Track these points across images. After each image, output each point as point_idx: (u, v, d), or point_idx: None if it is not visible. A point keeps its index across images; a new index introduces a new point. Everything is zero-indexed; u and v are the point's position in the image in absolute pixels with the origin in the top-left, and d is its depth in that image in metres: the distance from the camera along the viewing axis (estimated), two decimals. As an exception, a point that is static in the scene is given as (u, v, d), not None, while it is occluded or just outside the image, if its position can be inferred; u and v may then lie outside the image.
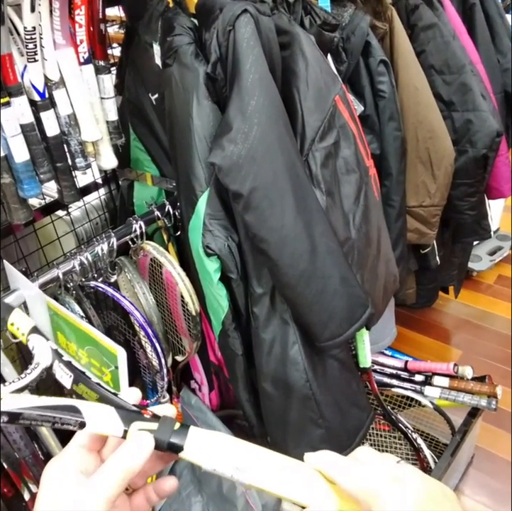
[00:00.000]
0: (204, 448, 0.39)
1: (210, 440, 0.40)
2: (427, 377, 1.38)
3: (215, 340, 1.10)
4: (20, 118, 0.78)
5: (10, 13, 0.73)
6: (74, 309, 0.95)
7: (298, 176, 0.84)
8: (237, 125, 0.79)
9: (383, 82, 1.11)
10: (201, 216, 0.88)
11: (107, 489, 0.36)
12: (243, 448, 0.40)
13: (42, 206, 1.16)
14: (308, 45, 0.91)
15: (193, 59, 0.85)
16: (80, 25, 0.82)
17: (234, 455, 0.39)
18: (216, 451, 0.39)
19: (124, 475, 0.36)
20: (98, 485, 0.36)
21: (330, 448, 1.03)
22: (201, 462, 0.39)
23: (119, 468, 0.37)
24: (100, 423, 0.39)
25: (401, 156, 1.18)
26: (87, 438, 0.40)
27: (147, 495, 0.41)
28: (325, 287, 0.87)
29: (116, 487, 0.36)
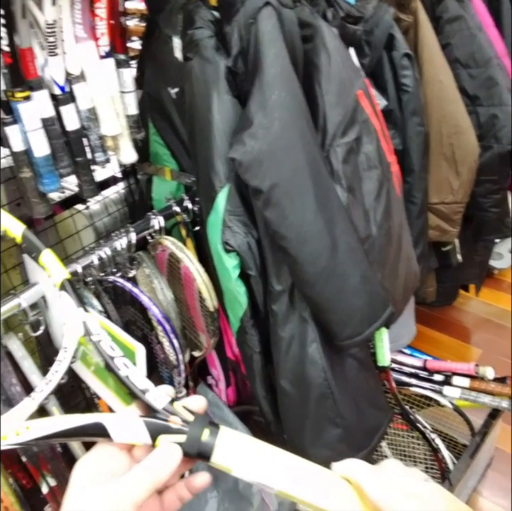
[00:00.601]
0: (232, 457, 0.39)
1: (239, 448, 0.39)
2: (446, 377, 1.35)
3: (232, 336, 1.09)
4: (41, 113, 0.78)
5: (31, 7, 0.72)
6: (93, 303, 0.95)
7: (320, 172, 0.82)
8: (258, 120, 0.78)
9: (407, 76, 1.09)
10: (220, 212, 0.88)
11: (135, 494, 0.36)
12: (270, 454, 0.40)
13: (61, 199, 1.16)
14: (331, 38, 0.89)
15: (214, 53, 0.84)
16: (101, 19, 0.81)
17: (262, 463, 0.39)
18: (244, 459, 0.39)
19: (152, 483, 0.37)
20: (127, 489, 0.36)
21: (348, 448, 1.02)
22: (230, 470, 0.39)
23: (147, 477, 0.37)
24: (128, 436, 0.39)
25: (423, 152, 1.15)
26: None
27: (179, 493, 0.41)
28: (345, 285, 0.86)
29: (144, 493, 0.36)
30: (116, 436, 0.39)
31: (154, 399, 0.41)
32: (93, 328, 0.48)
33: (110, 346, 0.45)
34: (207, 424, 0.40)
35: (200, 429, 0.39)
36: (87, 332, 0.47)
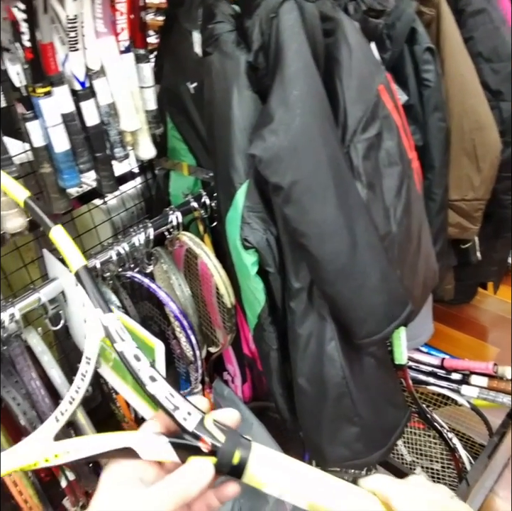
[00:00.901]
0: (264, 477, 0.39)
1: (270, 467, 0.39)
2: (464, 376, 1.34)
3: (249, 332, 1.09)
4: (61, 108, 0.78)
5: (52, 2, 0.72)
6: (111, 298, 0.96)
7: (341, 169, 0.81)
8: (279, 116, 0.77)
9: (428, 71, 1.07)
10: (239, 208, 0.87)
11: (163, 506, 0.36)
12: (300, 471, 0.39)
13: (79, 194, 1.16)
14: (353, 32, 0.88)
15: (235, 48, 0.83)
16: (121, 13, 0.80)
17: (294, 481, 0.39)
18: (276, 478, 0.39)
19: (181, 499, 0.36)
20: (155, 500, 0.36)
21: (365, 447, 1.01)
22: (261, 488, 0.39)
23: (177, 492, 0.37)
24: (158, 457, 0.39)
25: (445, 148, 1.13)
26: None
27: (208, 501, 0.40)
28: (365, 283, 0.85)
29: (172, 506, 0.36)
30: (145, 456, 0.39)
31: (184, 419, 0.39)
32: (116, 333, 0.43)
33: (134, 355, 0.41)
34: (239, 443, 0.39)
35: (231, 452, 0.38)
36: (110, 339, 0.43)
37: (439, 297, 1.47)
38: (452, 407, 1.37)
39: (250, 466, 0.38)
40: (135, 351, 0.41)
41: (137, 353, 0.41)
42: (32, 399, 0.81)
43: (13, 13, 0.69)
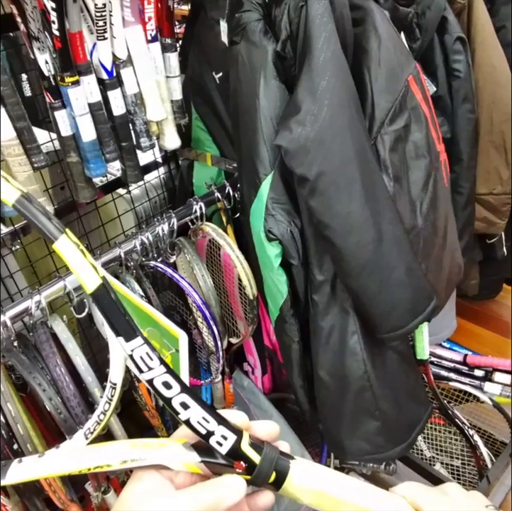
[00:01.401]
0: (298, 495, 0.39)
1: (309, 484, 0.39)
2: (487, 373, 1.32)
3: (270, 324, 1.09)
4: (89, 97, 0.78)
5: (81, -10, 0.72)
6: (134, 288, 0.96)
7: (368, 161, 0.80)
8: (307, 107, 0.76)
9: (459, 61, 1.04)
10: (264, 199, 0.86)
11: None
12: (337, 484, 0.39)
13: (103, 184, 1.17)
14: (382, 21, 0.86)
15: (262, 37, 0.82)
16: (149, 2, 0.80)
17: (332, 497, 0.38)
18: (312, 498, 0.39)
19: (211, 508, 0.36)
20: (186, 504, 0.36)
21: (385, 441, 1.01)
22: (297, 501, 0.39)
23: (207, 501, 0.36)
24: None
25: (473, 140, 1.11)
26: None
27: (240, 509, 0.39)
28: (390, 277, 0.84)
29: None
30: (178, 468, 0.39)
31: (218, 444, 0.38)
32: (142, 362, 0.39)
33: (163, 383, 0.39)
34: (276, 463, 0.38)
35: (267, 473, 0.38)
36: (137, 369, 0.39)
37: (463, 292, 1.45)
38: (473, 403, 1.35)
39: (288, 484, 0.38)
40: (165, 378, 0.39)
41: (167, 379, 0.39)
42: (57, 385, 0.83)
43: (42, 2, 0.70)
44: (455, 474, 1.38)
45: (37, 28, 0.71)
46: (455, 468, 1.39)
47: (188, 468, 0.39)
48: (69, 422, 0.81)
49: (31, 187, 0.76)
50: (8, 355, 0.84)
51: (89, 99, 0.78)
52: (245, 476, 0.38)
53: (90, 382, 0.86)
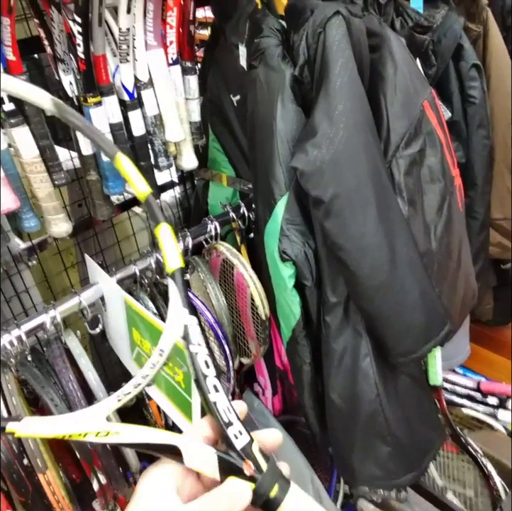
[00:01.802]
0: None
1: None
2: (501, 400, 1.30)
3: (282, 345, 1.08)
4: (110, 118, 0.80)
5: (106, 15, 0.75)
6: (148, 305, 0.97)
7: (383, 184, 0.81)
8: (323, 130, 0.77)
9: (474, 87, 1.05)
10: (279, 220, 0.87)
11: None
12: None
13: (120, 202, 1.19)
14: (399, 48, 0.88)
15: (280, 62, 0.84)
16: (171, 27, 0.82)
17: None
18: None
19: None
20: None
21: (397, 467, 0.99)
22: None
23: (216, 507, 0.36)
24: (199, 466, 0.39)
25: (488, 166, 1.11)
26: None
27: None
28: (404, 300, 0.84)
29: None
30: (188, 462, 0.39)
31: (235, 436, 0.39)
32: (194, 336, 0.43)
33: (205, 361, 0.42)
34: (279, 478, 0.38)
35: (271, 483, 0.38)
36: (187, 339, 0.43)
37: (477, 317, 1.44)
38: (487, 431, 1.33)
39: (285, 505, 0.38)
40: (206, 358, 0.42)
41: (208, 360, 0.42)
42: (69, 400, 0.83)
43: (69, 26, 0.72)
44: (468, 504, 1.34)
45: (63, 51, 0.73)
46: (468, 497, 1.35)
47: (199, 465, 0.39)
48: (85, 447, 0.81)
49: (51, 204, 0.77)
50: (21, 369, 0.84)
51: (111, 119, 0.80)
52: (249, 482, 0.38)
53: (101, 398, 0.86)
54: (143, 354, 0.86)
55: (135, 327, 0.86)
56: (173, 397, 0.81)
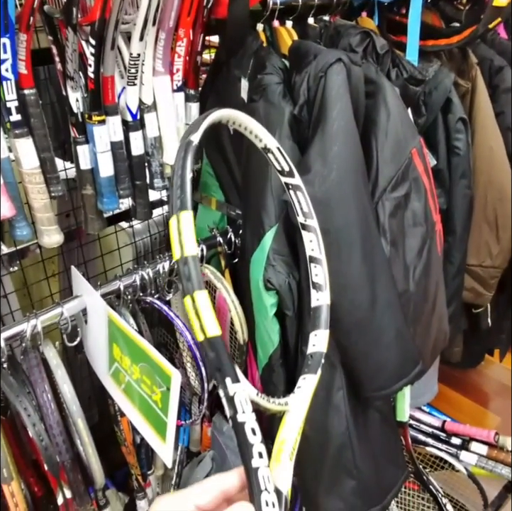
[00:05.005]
0: None
1: None
2: (464, 442, 1.33)
3: (256, 372, 1.10)
4: (112, 136, 0.82)
5: (119, 40, 0.77)
6: (129, 321, 0.97)
7: (369, 226, 0.84)
8: (317, 168, 0.80)
9: (459, 139, 1.11)
10: (266, 249, 0.90)
11: None
12: None
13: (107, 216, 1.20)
14: (393, 96, 0.92)
15: (281, 99, 0.88)
16: (179, 56, 0.86)
17: None
18: None
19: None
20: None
21: (361, 502, 1.00)
22: None
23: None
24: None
25: (468, 214, 1.16)
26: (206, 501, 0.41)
27: None
28: (380, 338, 0.87)
29: None
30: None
31: (266, 504, 0.40)
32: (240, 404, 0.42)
33: (252, 429, 0.41)
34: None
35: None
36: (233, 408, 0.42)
37: (446, 358, 1.47)
38: (448, 471, 1.35)
39: None
40: (253, 425, 0.42)
41: (255, 427, 0.42)
42: (42, 411, 0.83)
43: (82, 46, 0.74)
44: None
45: (74, 69, 0.76)
46: (425, 536, 1.37)
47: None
48: (49, 450, 0.81)
49: (46, 215, 0.78)
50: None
51: (112, 137, 0.82)
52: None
53: (74, 412, 0.86)
54: (121, 370, 0.86)
55: (115, 343, 0.86)
56: (148, 415, 0.82)
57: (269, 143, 0.58)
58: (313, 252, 0.61)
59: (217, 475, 0.43)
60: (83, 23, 0.71)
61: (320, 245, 0.62)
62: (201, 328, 0.42)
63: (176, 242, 0.43)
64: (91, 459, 0.89)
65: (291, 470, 0.44)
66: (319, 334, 0.57)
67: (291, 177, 0.60)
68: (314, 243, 0.62)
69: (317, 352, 0.56)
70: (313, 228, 0.61)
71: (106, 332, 0.87)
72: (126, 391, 0.86)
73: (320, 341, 0.56)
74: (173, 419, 0.75)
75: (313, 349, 0.56)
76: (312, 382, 0.53)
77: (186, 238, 0.42)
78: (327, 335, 0.56)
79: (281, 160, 0.59)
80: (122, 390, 0.87)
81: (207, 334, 0.41)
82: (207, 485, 0.42)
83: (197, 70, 0.91)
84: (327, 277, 0.60)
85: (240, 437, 0.41)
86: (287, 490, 0.42)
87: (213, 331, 0.42)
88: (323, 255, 0.60)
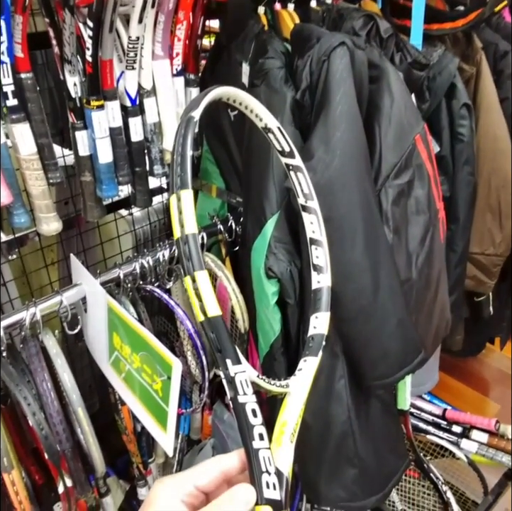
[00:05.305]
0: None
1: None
2: (465, 430, 1.33)
3: (258, 360, 1.09)
4: (111, 122, 0.80)
5: (118, 23, 0.75)
6: (129, 310, 0.97)
7: (372, 213, 0.83)
8: (319, 155, 0.79)
9: (463, 126, 1.09)
10: (267, 237, 0.89)
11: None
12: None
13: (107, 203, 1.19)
14: (396, 81, 0.91)
15: (283, 84, 0.86)
16: (179, 39, 0.84)
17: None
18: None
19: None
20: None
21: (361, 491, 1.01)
22: None
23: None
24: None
25: (471, 201, 1.15)
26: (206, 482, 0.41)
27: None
28: (383, 326, 0.86)
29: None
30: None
31: (267, 486, 0.40)
32: (241, 386, 0.42)
33: (252, 410, 0.41)
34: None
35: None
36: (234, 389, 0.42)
37: (447, 347, 1.47)
38: (449, 459, 1.36)
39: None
40: (254, 406, 0.42)
41: (255, 408, 0.42)
42: (42, 400, 0.82)
43: (79, 29, 0.73)
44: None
45: (71, 52, 0.74)
46: (425, 523, 1.38)
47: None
48: (49, 439, 0.80)
49: (44, 202, 0.77)
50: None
51: (111, 123, 0.80)
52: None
53: (74, 401, 0.86)
54: (122, 359, 0.85)
55: (115, 331, 0.86)
56: (148, 404, 0.81)
57: (269, 122, 0.57)
58: (313, 234, 0.60)
59: (217, 457, 0.43)
60: (80, 5, 0.69)
61: (321, 227, 0.60)
62: (201, 309, 0.42)
63: (176, 220, 0.42)
64: (92, 448, 0.89)
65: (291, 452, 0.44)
66: (320, 316, 0.56)
67: (292, 158, 0.59)
68: (315, 224, 0.61)
69: (318, 334, 0.55)
70: (314, 210, 0.60)
71: (105, 321, 0.87)
72: (126, 380, 0.86)
73: (321, 323, 0.55)
74: (174, 408, 0.74)
75: (313, 331, 0.55)
76: (313, 364, 0.52)
77: (187, 217, 0.42)
78: (328, 317, 0.55)
79: (281, 140, 0.58)
80: (122, 379, 0.87)
81: (208, 314, 0.41)
82: (207, 466, 0.42)
83: (197, 54, 0.89)
84: (328, 259, 0.59)
85: (240, 418, 0.41)
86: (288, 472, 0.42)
87: (214, 311, 0.42)
88: (323, 237, 0.59)
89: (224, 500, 0.38)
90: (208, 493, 0.42)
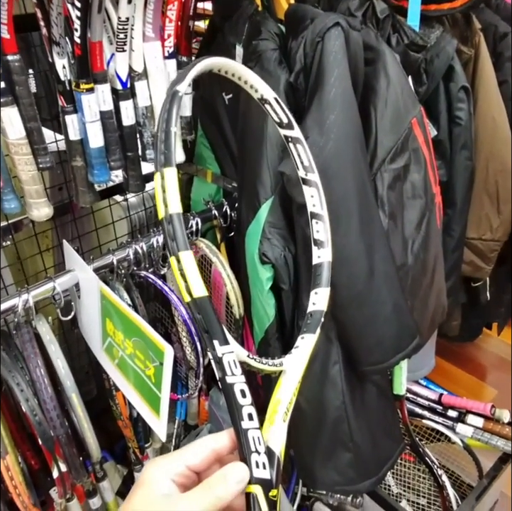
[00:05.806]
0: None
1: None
2: (460, 414, 1.34)
3: (253, 346, 1.09)
4: (101, 105, 0.79)
5: (107, 3, 0.74)
6: (123, 296, 0.96)
7: (367, 197, 0.82)
8: (313, 138, 0.78)
9: (461, 109, 1.08)
10: (261, 222, 0.88)
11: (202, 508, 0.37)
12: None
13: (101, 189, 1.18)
14: (393, 63, 0.89)
15: (276, 66, 0.84)
16: (170, 20, 0.82)
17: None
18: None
19: (215, 501, 0.37)
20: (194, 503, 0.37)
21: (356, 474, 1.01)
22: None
23: (211, 496, 0.37)
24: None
25: (468, 186, 1.14)
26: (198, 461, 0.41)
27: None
28: (378, 312, 0.86)
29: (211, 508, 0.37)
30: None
31: (257, 465, 0.40)
32: (229, 366, 0.42)
33: (241, 390, 0.42)
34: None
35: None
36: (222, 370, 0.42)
37: (444, 332, 1.47)
38: (444, 443, 1.37)
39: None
40: (243, 387, 0.42)
41: (244, 388, 0.42)
42: (35, 387, 0.82)
43: (67, 10, 0.71)
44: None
45: (59, 34, 0.72)
46: (421, 506, 1.39)
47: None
48: (43, 425, 0.80)
49: (34, 187, 0.76)
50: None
51: (101, 106, 0.79)
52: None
53: (68, 387, 0.86)
54: (115, 345, 0.85)
55: (108, 318, 0.85)
56: (141, 390, 0.81)
57: (265, 93, 0.55)
58: (314, 208, 0.59)
59: (208, 436, 0.43)
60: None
61: (322, 200, 0.58)
62: (187, 289, 0.41)
63: (160, 200, 0.41)
64: (87, 433, 0.89)
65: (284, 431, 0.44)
66: (320, 292, 0.55)
67: (290, 129, 0.57)
68: (315, 198, 0.59)
69: (317, 310, 0.54)
70: (314, 183, 0.58)
71: (98, 307, 0.86)
72: (120, 366, 0.85)
73: (320, 299, 0.54)
74: (166, 394, 0.74)
75: (313, 307, 0.54)
76: (310, 341, 0.51)
77: (171, 196, 0.41)
78: (328, 293, 0.54)
79: (279, 111, 0.56)
80: (116, 365, 0.87)
81: (193, 295, 0.41)
82: (198, 446, 0.42)
83: (189, 36, 0.88)
84: (329, 234, 0.57)
85: (229, 399, 0.41)
86: (280, 451, 0.42)
87: (199, 292, 0.41)
88: (324, 211, 0.57)
89: (217, 479, 0.39)
90: (200, 473, 0.42)
